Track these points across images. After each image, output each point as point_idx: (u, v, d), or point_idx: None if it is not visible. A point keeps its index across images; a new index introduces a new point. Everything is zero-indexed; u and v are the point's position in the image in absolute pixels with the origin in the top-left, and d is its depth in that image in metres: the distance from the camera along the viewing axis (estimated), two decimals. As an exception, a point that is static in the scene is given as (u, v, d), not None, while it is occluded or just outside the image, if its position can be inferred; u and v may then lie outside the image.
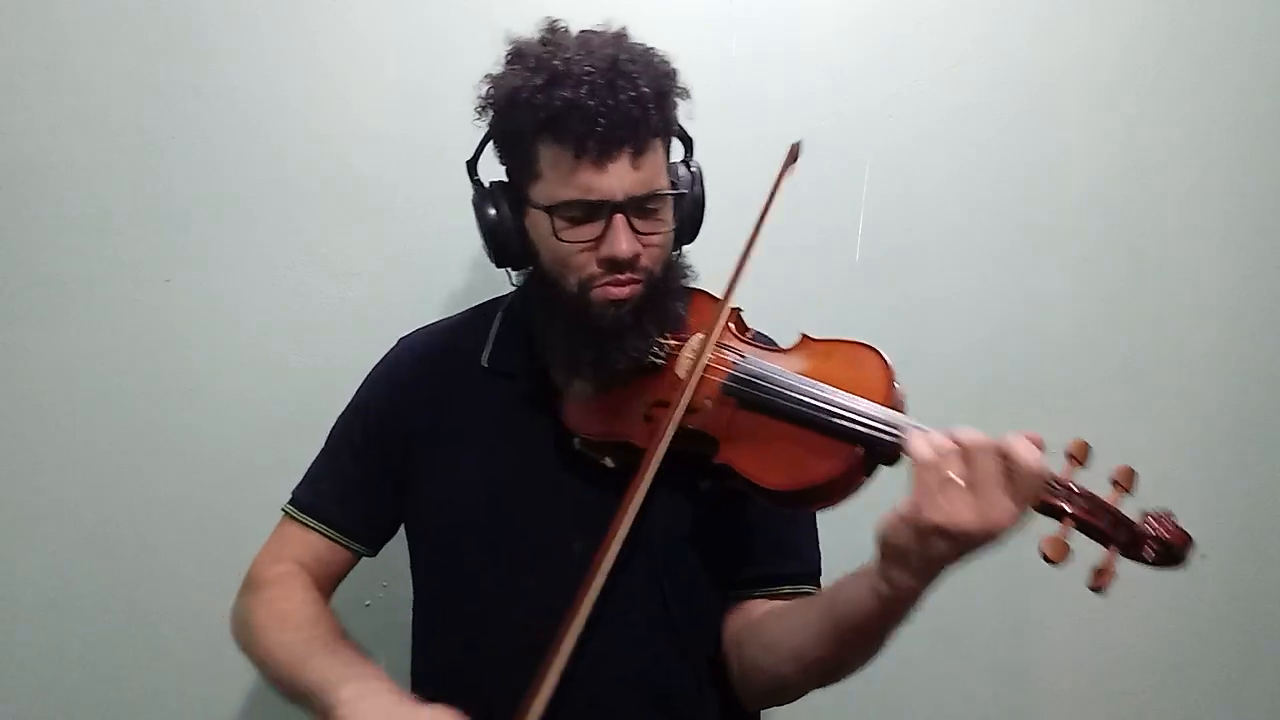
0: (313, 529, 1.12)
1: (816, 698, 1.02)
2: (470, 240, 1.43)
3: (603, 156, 0.93)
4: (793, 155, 0.99)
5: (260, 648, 1.03)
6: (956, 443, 0.78)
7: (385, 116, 1.42)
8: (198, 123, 1.39)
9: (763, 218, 0.97)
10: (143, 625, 1.44)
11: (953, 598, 1.24)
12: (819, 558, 1.10)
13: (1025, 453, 0.76)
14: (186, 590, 1.44)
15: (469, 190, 1.42)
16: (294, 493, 1.16)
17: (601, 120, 0.91)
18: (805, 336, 1.02)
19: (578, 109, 0.91)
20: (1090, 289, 1.54)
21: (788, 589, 1.06)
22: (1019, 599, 1.55)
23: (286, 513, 1.14)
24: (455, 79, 1.42)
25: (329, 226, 1.43)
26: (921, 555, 0.79)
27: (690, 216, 1.06)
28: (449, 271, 1.44)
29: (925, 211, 1.50)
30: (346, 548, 1.13)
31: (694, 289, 1.08)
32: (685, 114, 1.03)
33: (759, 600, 1.06)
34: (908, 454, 0.80)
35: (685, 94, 1.01)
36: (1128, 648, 1.58)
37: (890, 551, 0.81)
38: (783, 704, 1.06)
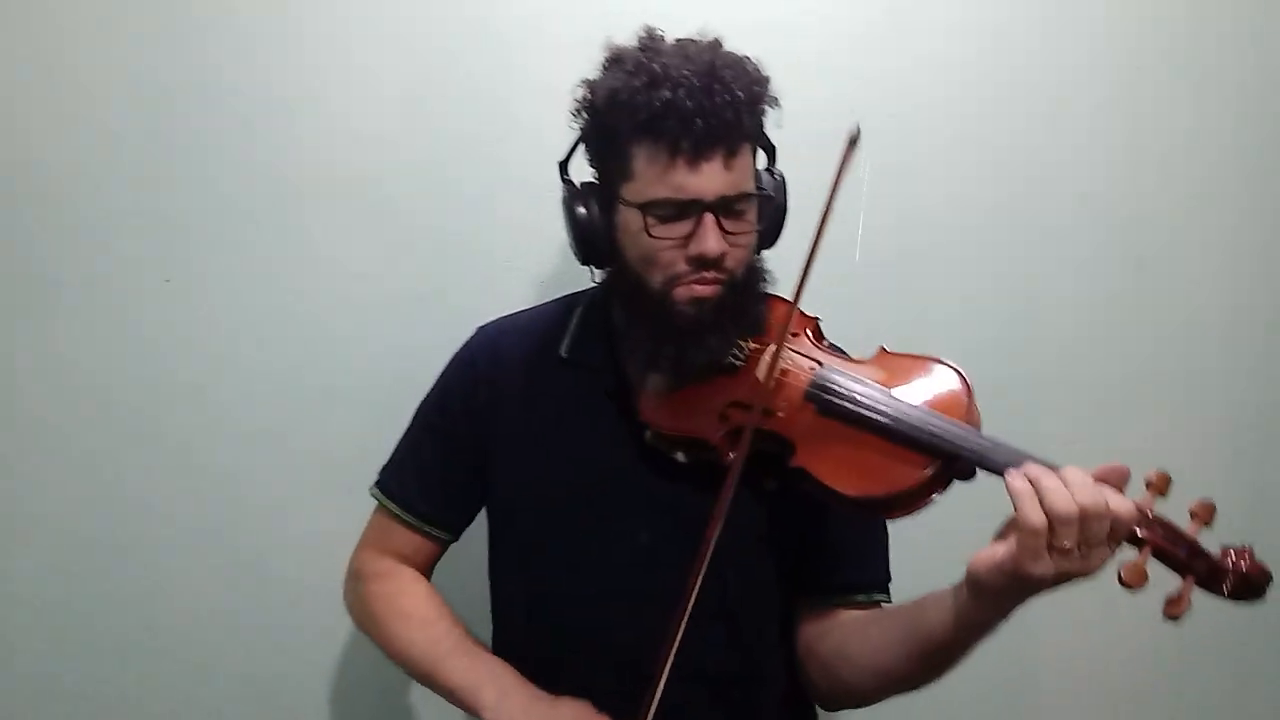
0: (400, 519, 1.16)
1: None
2: (470, 240, 1.45)
3: (697, 157, 0.96)
4: (851, 141, 0.98)
5: (389, 642, 1.13)
6: (1077, 507, 0.78)
7: (386, 117, 1.42)
8: (198, 123, 1.39)
9: (826, 213, 0.98)
10: (142, 626, 1.44)
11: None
12: (888, 565, 1.13)
13: (1120, 508, 0.79)
14: (187, 591, 1.44)
15: (466, 190, 1.44)
16: (381, 475, 1.20)
17: (698, 122, 0.95)
18: (883, 350, 1.04)
19: (675, 110, 0.94)
20: (1091, 290, 1.54)
21: (861, 598, 1.09)
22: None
23: (376, 499, 1.19)
24: (456, 80, 1.43)
25: (329, 227, 1.43)
26: (1014, 596, 0.84)
27: (773, 222, 1.09)
28: (449, 271, 1.44)
29: (925, 212, 1.50)
30: (430, 536, 1.17)
31: (773, 295, 1.10)
32: (773, 121, 1.06)
33: (833, 609, 1.09)
34: (1017, 516, 0.80)
35: (776, 102, 1.04)
36: (1127, 647, 1.58)
37: (982, 590, 0.85)
38: (858, 708, 1.10)
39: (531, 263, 1.44)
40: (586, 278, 1.29)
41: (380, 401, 1.42)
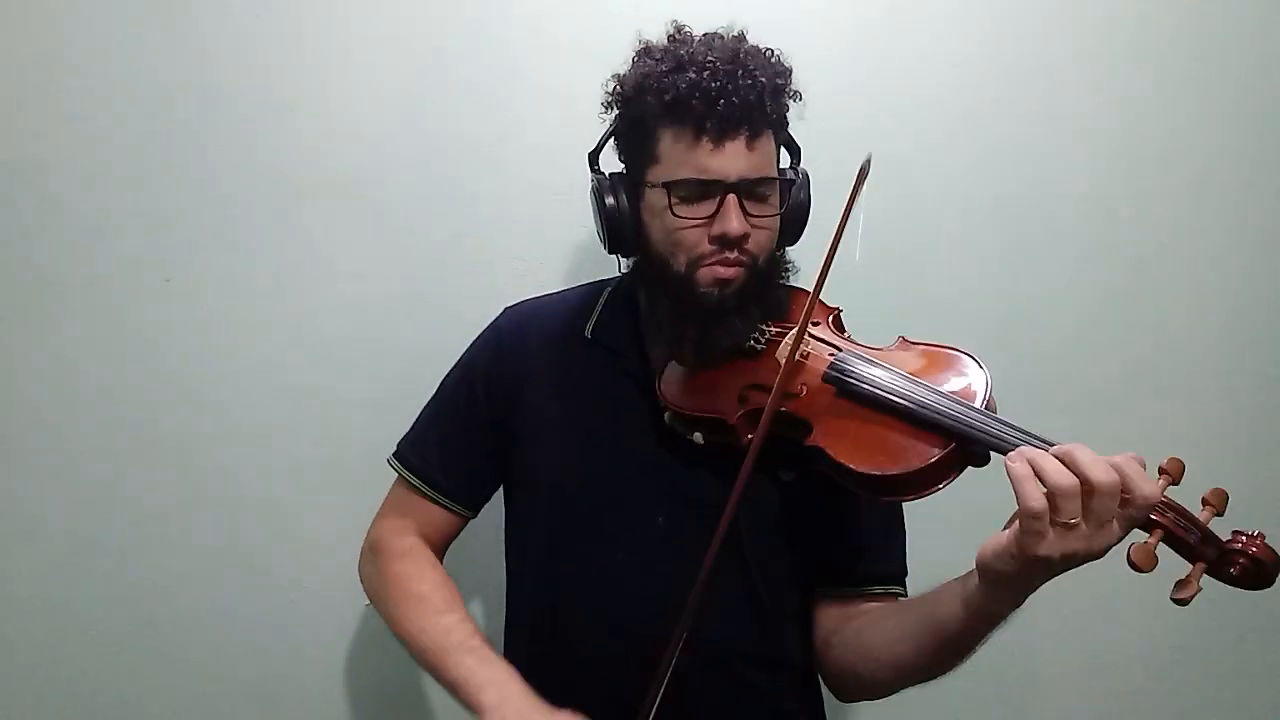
0: (420, 492, 1.17)
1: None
2: (470, 241, 1.45)
3: (721, 137, 0.99)
4: (863, 173, 1.01)
5: (399, 623, 1.12)
6: (1077, 481, 0.79)
7: (385, 117, 1.42)
8: (197, 123, 1.39)
9: (839, 234, 0.99)
10: (142, 625, 1.44)
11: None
12: (904, 557, 1.14)
13: (1145, 487, 0.80)
14: (187, 590, 1.44)
15: (466, 190, 1.44)
16: (401, 446, 1.20)
17: (721, 103, 0.98)
18: (903, 338, 1.06)
19: (699, 91, 0.98)
20: (1090, 289, 1.54)
21: (877, 589, 1.11)
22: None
23: (395, 470, 1.20)
24: (455, 80, 1.43)
25: (329, 226, 1.43)
26: (1025, 579, 0.84)
27: (795, 219, 1.10)
28: (448, 272, 1.44)
29: (926, 211, 1.50)
30: (450, 510, 1.18)
31: (795, 287, 1.12)
32: (795, 114, 1.08)
33: (850, 600, 1.11)
34: (1018, 497, 0.80)
35: (799, 95, 1.07)
36: (1127, 647, 1.58)
37: (991, 577, 0.86)
38: (875, 699, 1.11)
39: (533, 263, 1.44)
40: (586, 277, 1.30)
41: (380, 401, 1.42)
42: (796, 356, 1.00)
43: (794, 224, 1.11)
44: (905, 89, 1.48)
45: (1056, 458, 0.80)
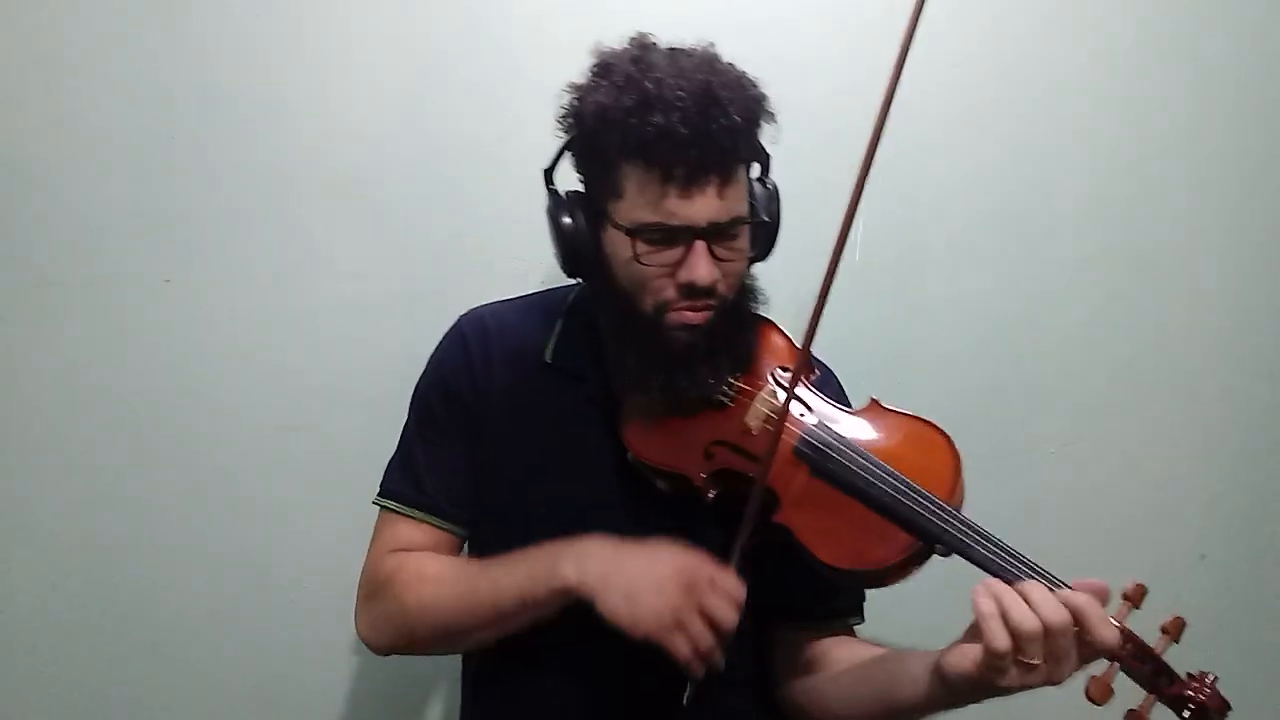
0: (425, 523, 1.10)
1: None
2: (470, 241, 1.45)
3: (690, 185, 0.92)
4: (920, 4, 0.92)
5: (432, 611, 1.03)
6: (1042, 627, 0.80)
7: (385, 117, 1.42)
8: (197, 123, 1.39)
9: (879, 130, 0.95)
10: (142, 625, 1.44)
11: (949, 595, 1.24)
12: (863, 590, 1.12)
13: (1104, 632, 0.81)
14: (187, 591, 1.44)
15: (466, 190, 1.44)
16: (390, 489, 1.12)
17: (693, 150, 0.91)
18: (875, 402, 1.01)
19: (669, 136, 0.90)
20: (1090, 289, 1.54)
21: (835, 624, 1.10)
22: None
23: (391, 509, 1.11)
24: (455, 80, 1.43)
25: (329, 227, 1.43)
26: (983, 695, 0.86)
27: (766, 236, 1.06)
28: (448, 272, 1.44)
29: (925, 212, 1.50)
30: (455, 535, 1.12)
31: (762, 318, 1.07)
32: (771, 131, 1.03)
33: (806, 635, 1.09)
34: (983, 637, 0.81)
35: (773, 118, 1.00)
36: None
37: (950, 686, 0.87)
38: None
39: (533, 263, 1.44)
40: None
41: (380, 402, 1.41)
42: (765, 423, 0.97)
43: (765, 243, 1.06)
44: (905, 89, 1.48)
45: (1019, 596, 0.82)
